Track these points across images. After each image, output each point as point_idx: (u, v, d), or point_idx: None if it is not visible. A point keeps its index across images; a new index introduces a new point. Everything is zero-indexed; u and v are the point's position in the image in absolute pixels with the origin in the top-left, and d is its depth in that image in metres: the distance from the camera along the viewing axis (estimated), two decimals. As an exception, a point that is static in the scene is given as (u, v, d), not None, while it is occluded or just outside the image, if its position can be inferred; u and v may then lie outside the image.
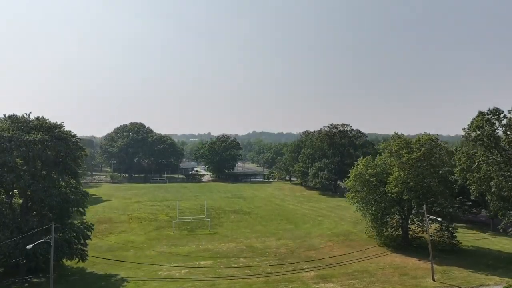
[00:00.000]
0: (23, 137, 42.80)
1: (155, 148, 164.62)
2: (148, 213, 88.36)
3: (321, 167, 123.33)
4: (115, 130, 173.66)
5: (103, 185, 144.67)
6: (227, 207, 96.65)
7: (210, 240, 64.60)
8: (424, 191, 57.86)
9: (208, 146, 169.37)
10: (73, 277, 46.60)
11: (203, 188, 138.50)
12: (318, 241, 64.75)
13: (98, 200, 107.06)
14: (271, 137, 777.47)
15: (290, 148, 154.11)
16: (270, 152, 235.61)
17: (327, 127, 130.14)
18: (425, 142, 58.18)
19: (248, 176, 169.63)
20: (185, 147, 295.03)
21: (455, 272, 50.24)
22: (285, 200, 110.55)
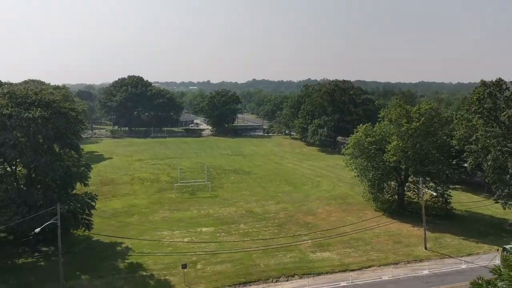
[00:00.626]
0: (23, 114, 42.63)
1: (154, 102, 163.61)
2: (149, 173, 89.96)
3: (320, 124, 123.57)
4: (113, 83, 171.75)
5: (104, 140, 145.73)
6: (227, 166, 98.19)
7: (211, 204, 66.41)
8: (422, 159, 58.64)
9: (208, 100, 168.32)
10: (81, 245, 48.56)
11: (203, 143, 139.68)
12: (316, 205, 66.61)
13: (100, 158, 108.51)
14: (271, 86, 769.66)
15: (290, 103, 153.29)
16: (270, 104, 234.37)
17: (328, 83, 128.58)
18: (425, 112, 57.97)
19: (248, 131, 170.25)
20: (185, 98, 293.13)
21: (447, 239, 52.29)
22: (284, 158, 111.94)
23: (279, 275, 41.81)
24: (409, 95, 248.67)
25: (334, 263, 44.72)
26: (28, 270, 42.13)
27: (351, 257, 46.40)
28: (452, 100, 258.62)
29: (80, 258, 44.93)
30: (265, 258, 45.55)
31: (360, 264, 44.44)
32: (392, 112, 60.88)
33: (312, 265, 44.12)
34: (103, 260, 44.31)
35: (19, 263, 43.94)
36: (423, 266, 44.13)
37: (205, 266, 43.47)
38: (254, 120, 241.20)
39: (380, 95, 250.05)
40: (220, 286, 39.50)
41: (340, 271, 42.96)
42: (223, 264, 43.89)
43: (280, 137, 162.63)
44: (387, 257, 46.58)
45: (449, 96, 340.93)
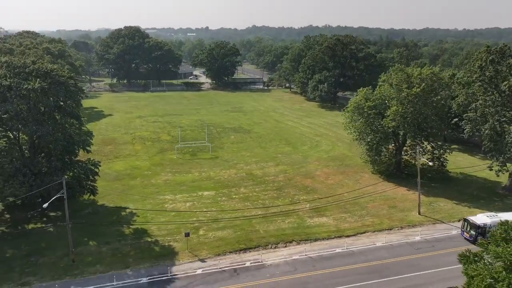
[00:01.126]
0: (22, 85, 42.44)
1: (152, 55, 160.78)
2: (150, 131, 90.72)
3: (321, 79, 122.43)
4: (110, 35, 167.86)
5: (103, 94, 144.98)
6: (227, 124, 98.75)
7: (211, 166, 67.77)
8: (420, 124, 59.17)
9: (207, 52, 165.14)
10: (86, 211, 50.35)
11: (203, 98, 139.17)
12: (314, 167, 68.02)
13: (100, 115, 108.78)
14: (271, 32, 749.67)
15: (290, 56, 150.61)
16: (270, 55, 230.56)
17: (329, 38, 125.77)
18: (426, 77, 57.50)
19: (248, 84, 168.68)
20: (183, 47, 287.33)
21: (441, 203, 54.09)
22: (284, 114, 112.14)
23: (277, 241, 43.85)
24: (412, 46, 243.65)
25: (331, 228, 46.69)
26: (38, 236, 44.09)
27: (347, 223, 48.34)
28: (456, 50, 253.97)
29: (87, 223, 46.86)
30: (264, 224, 47.47)
31: (355, 230, 46.42)
32: (393, 76, 60.36)
33: (310, 230, 46.09)
34: (109, 226, 46.20)
35: (28, 228, 45.87)
36: (416, 232, 46.12)
37: (207, 232, 45.43)
38: (254, 71, 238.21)
39: (383, 46, 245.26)
40: (222, 252, 41.56)
41: (336, 237, 44.99)
42: (224, 230, 45.83)
43: (280, 90, 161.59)
44: (382, 222, 48.51)
45: (453, 45, 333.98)
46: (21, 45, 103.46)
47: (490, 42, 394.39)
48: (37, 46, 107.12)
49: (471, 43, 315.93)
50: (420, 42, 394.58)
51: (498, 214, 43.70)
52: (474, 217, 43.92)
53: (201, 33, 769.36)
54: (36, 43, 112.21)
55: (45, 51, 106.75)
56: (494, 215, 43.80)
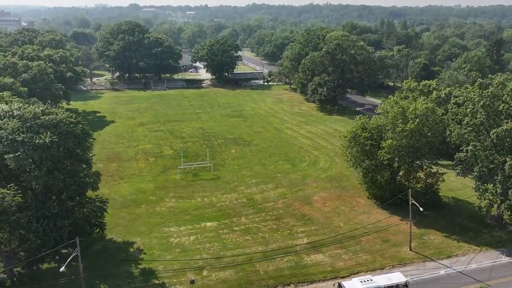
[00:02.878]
0: (35, 140, 44.49)
1: (152, 51, 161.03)
2: (153, 144, 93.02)
3: (320, 83, 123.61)
4: (110, 31, 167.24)
5: (104, 94, 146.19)
6: (228, 134, 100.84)
7: (213, 190, 70.44)
8: (414, 157, 61.59)
9: (207, 49, 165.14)
10: (96, 247, 53.30)
11: (203, 98, 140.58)
12: (312, 190, 70.69)
13: (103, 121, 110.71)
14: (271, 11, 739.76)
15: (290, 55, 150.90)
16: (270, 45, 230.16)
17: (329, 41, 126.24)
18: (420, 113, 59.35)
19: (248, 80, 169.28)
20: (183, 34, 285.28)
21: (431, 236, 57.08)
22: (284, 120, 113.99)
23: (276, 283, 47.00)
24: (413, 35, 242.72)
25: (326, 268, 49.76)
26: (52, 277, 47.16)
27: (342, 260, 51.40)
28: (457, 40, 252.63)
29: (97, 261, 49.93)
30: (264, 263, 50.52)
31: (349, 270, 49.49)
32: (389, 110, 62.19)
33: (306, 271, 49.19)
34: (118, 266, 49.26)
35: (43, 268, 48.94)
36: (406, 272, 49.17)
37: (211, 273, 48.52)
38: (254, 60, 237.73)
39: (384, 35, 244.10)
40: (224, 296, 44.79)
41: (331, 278, 48.09)
42: (227, 271, 48.91)
43: (280, 87, 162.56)
44: (375, 260, 51.57)
45: (454, 31, 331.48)
46: (23, 55, 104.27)
47: (492, 25, 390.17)
48: (39, 54, 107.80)
49: (473, 28, 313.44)
50: (422, 26, 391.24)
51: (373, 278, 44.66)
52: (347, 283, 44.17)
53: (200, 11, 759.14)
54: (37, 49, 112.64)
55: (47, 59, 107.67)
56: (369, 279, 44.43)
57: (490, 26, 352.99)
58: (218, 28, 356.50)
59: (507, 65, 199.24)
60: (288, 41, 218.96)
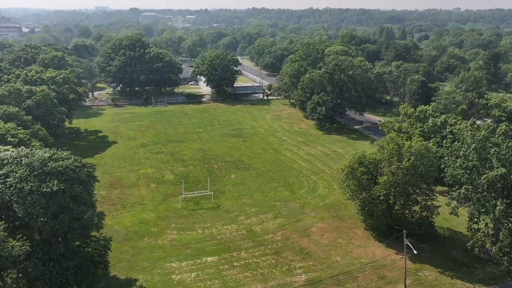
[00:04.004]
0: (42, 188, 46.15)
1: (153, 67, 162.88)
2: (154, 167, 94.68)
3: (319, 102, 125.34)
4: (111, 46, 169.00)
5: (106, 110, 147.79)
6: (228, 156, 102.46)
7: (214, 220, 72.06)
8: (410, 193, 63.31)
9: (207, 64, 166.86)
10: (100, 285, 54.91)
11: (203, 115, 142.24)
12: (310, 221, 72.32)
13: (105, 142, 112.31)
14: (270, 15, 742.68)
15: (289, 72, 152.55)
16: (269, 57, 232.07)
17: (328, 62, 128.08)
18: (415, 151, 61.01)
19: (248, 95, 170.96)
20: (183, 44, 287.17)
21: (426, 272, 58.66)
22: (283, 140, 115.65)
23: (275, 326, 48.65)
24: (411, 46, 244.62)
25: (323, 309, 51.45)
26: (59, 319, 48.74)
27: (339, 300, 53.06)
28: (455, 50, 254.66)
29: (102, 301, 51.56)
30: (263, 302, 52.18)
31: (346, 310, 51.15)
32: (385, 146, 63.88)
33: (304, 311, 50.84)
34: (122, 306, 50.90)
35: (49, 309, 50.47)
36: (401, 312, 50.84)
37: (211, 314, 50.16)
38: (254, 70, 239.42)
39: (382, 46, 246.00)
40: None
41: (328, 319, 49.75)
42: (227, 311, 50.57)
43: (279, 102, 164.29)
44: (370, 299, 53.22)
45: (453, 39, 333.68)
46: (26, 78, 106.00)
47: (490, 32, 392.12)
48: (43, 76, 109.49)
49: (471, 37, 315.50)
50: (421, 33, 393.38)
51: None
52: None
53: (200, 15, 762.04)
54: (41, 71, 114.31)
55: (50, 81, 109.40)
56: None
57: (488, 33, 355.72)
58: (218, 36, 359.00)
59: (504, 78, 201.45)
60: (288, 53, 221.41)
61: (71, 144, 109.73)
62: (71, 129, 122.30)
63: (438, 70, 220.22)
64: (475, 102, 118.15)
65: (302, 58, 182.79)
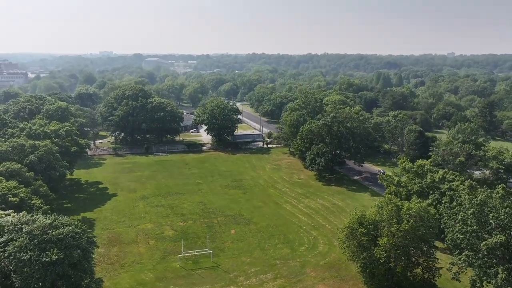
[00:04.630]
0: (42, 258, 46.13)
1: (155, 116, 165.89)
2: (153, 223, 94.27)
3: (318, 153, 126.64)
4: (114, 96, 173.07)
5: (107, 160, 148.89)
6: (228, 210, 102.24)
7: (213, 281, 70.96)
8: (411, 255, 62.91)
9: (208, 114, 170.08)
10: None
11: (204, 165, 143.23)
12: (311, 282, 71.22)
13: (105, 195, 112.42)
14: (270, 60, 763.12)
15: (289, 122, 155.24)
16: (269, 104, 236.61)
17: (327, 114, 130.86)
18: (414, 213, 61.30)
19: (247, 143, 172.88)
20: (184, 90, 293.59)
21: None
22: (283, 193, 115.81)
23: None
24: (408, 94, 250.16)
25: None
26: None
27: None
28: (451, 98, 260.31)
29: None
30: None
31: None
32: (384, 207, 64.20)
33: None
34: None
35: None
36: None
37: None
38: (254, 117, 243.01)
39: (379, 93, 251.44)
40: None
41: None
42: None
43: (279, 151, 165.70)
44: None
45: (449, 84, 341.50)
46: (30, 131, 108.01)
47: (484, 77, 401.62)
48: (46, 130, 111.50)
49: (466, 84, 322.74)
50: (417, 79, 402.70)
51: None
52: None
53: (202, 60, 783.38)
54: (44, 124, 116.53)
55: (53, 134, 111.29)
56: None
57: (483, 79, 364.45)
58: (219, 82, 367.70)
59: (500, 126, 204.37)
60: (287, 100, 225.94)
61: (71, 196, 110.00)
62: (71, 180, 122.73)
63: (435, 117, 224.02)
64: (472, 154, 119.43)
65: (301, 107, 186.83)
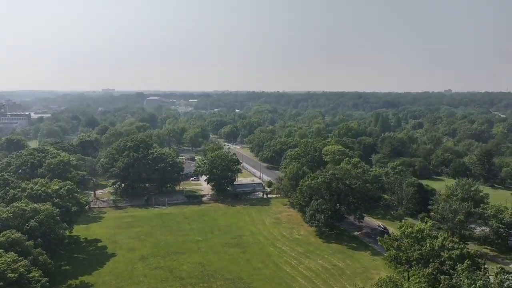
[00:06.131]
0: None
1: (155, 167, 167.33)
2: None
3: (318, 209, 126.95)
4: (116, 147, 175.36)
5: (106, 213, 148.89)
6: (227, 273, 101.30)
7: None
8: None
9: (208, 164, 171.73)
10: None
11: (203, 219, 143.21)
12: None
13: (103, 255, 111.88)
14: (270, 98, 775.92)
15: (288, 175, 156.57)
16: (269, 150, 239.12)
17: (326, 171, 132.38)
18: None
19: (247, 194, 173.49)
20: (185, 134, 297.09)
21: None
22: (283, 252, 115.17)
23: None
24: (406, 140, 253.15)
25: None
26: None
27: None
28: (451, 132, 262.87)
29: None
30: None
31: None
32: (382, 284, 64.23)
33: None
34: None
35: None
36: None
37: None
38: (253, 162, 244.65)
39: (378, 139, 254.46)
40: None
41: None
42: None
43: (279, 202, 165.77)
44: None
45: (447, 126, 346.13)
46: (32, 192, 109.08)
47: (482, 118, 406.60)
48: (47, 190, 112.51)
49: (464, 126, 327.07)
50: (415, 121, 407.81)
51: None
52: None
53: (203, 98, 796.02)
54: (46, 183, 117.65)
55: (54, 194, 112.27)
56: None
57: (480, 120, 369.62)
58: (219, 124, 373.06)
59: (499, 173, 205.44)
60: (287, 147, 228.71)
61: (69, 257, 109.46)
62: (70, 238, 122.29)
63: (434, 163, 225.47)
64: (471, 212, 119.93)
65: (300, 156, 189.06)
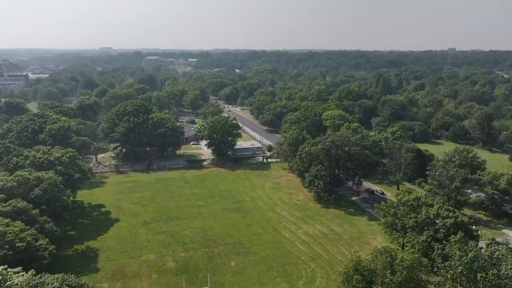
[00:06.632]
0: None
1: (156, 132, 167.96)
2: (155, 253, 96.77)
3: (317, 175, 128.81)
4: (116, 111, 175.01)
5: (109, 178, 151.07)
6: (228, 238, 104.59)
7: (214, 321, 73.68)
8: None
9: (208, 129, 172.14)
10: None
11: (204, 183, 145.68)
12: (308, 322, 73.97)
13: (107, 220, 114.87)
14: (270, 58, 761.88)
15: (288, 140, 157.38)
16: (269, 114, 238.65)
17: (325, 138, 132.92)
18: (408, 264, 63.61)
19: (247, 159, 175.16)
20: (185, 97, 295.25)
21: None
22: (282, 217, 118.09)
23: None
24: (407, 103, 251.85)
25: None
26: None
27: None
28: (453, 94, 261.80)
29: None
30: None
31: None
32: (379, 257, 66.48)
33: None
34: None
35: None
36: None
37: None
38: (254, 125, 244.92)
39: (379, 103, 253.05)
40: None
41: None
42: None
43: (279, 167, 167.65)
44: None
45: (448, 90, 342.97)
46: (34, 160, 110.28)
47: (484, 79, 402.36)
48: (50, 158, 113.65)
49: (465, 89, 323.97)
50: (416, 82, 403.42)
51: None
52: None
53: (202, 58, 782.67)
54: (48, 151, 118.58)
55: (56, 161, 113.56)
56: None
57: (482, 81, 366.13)
58: (219, 85, 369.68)
59: (498, 137, 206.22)
60: (287, 110, 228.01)
61: (74, 222, 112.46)
62: (74, 203, 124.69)
63: (433, 127, 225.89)
64: (468, 178, 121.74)
65: (300, 120, 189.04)
